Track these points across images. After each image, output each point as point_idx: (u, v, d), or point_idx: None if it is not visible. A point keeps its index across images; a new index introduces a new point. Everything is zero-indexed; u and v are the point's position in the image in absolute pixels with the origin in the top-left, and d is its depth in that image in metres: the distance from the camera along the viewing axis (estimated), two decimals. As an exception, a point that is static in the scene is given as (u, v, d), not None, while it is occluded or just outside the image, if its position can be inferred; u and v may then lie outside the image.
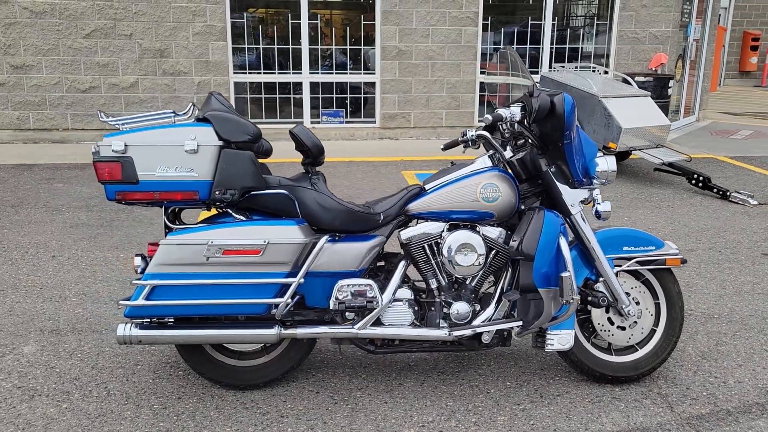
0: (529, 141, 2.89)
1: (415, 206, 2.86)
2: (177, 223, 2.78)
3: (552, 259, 2.69)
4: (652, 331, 3.01)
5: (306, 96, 8.97)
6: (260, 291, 2.65)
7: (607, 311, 2.95)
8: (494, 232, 2.87)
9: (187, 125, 2.65)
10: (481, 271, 2.86)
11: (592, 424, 2.69)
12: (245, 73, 8.91)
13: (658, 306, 3.02)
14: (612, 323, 2.96)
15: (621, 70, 9.13)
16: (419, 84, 8.94)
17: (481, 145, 3.25)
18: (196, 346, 2.85)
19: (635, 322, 2.96)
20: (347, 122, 9.14)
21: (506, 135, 3.14)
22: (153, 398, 2.84)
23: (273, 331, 2.71)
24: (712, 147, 8.99)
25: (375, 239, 2.81)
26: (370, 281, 2.73)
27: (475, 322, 2.82)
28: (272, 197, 2.74)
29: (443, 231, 2.86)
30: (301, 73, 8.92)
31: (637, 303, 2.97)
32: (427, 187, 2.93)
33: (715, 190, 6.27)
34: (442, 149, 3.39)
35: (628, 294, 2.94)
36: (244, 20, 8.79)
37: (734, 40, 20.97)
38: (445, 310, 2.86)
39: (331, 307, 2.72)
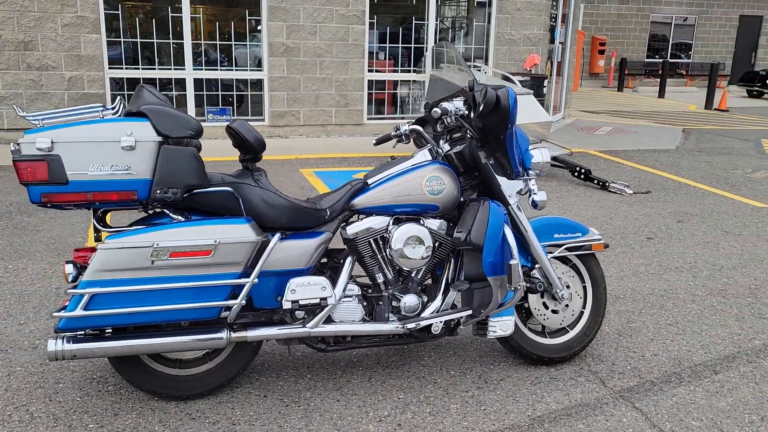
0: (469, 134, 2.97)
1: (360, 201, 2.85)
2: (101, 226, 2.57)
3: (498, 248, 2.78)
4: (581, 313, 3.20)
5: (190, 93, 8.60)
6: (210, 294, 2.51)
7: (542, 296, 3.09)
8: (437, 224, 2.92)
9: (121, 120, 2.46)
10: (427, 263, 2.90)
11: (539, 404, 2.81)
12: (122, 68, 8.39)
13: (585, 289, 3.21)
14: (546, 307, 3.11)
15: (499, 69, 9.57)
16: (308, 81, 8.86)
17: (413, 139, 3.31)
18: (131, 356, 2.65)
19: (566, 305, 3.13)
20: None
21: (439, 129, 3.21)
22: (86, 417, 2.62)
23: (222, 336, 2.58)
24: (582, 142, 9.67)
25: (322, 235, 2.76)
26: (322, 279, 2.68)
27: (425, 314, 2.85)
28: (216, 195, 2.61)
29: (388, 225, 2.87)
30: (184, 69, 8.55)
31: (568, 287, 3.14)
32: (369, 181, 2.92)
33: (595, 181, 6.75)
34: (374, 144, 3.40)
35: (559, 279, 3.09)
36: (120, 12, 8.27)
37: (585, 44, 22.63)
38: (394, 303, 2.87)
39: (283, 307, 2.63)
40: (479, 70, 8.20)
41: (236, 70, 8.77)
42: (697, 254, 4.84)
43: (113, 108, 2.64)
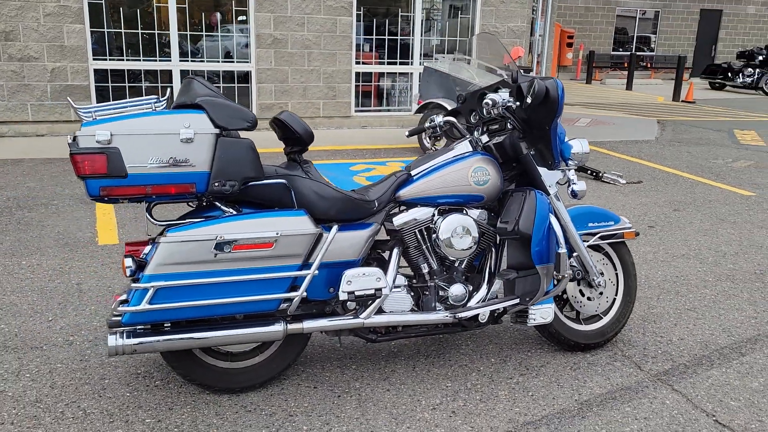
0: (510, 125, 3.01)
1: (406, 192, 2.87)
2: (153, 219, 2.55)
3: (545, 237, 2.83)
4: (614, 300, 3.28)
5: (177, 85, 8.46)
6: (271, 286, 2.51)
7: (578, 284, 3.17)
8: (481, 215, 2.96)
9: (178, 112, 2.43)
10: (472, 253, 2.94)
11: (583, 389, 2.88)
12: (106, 59, 8.21)
13: (617, 276, 3.29)
14: (582, 295, 3.18)
15: (484, 62, 9.65)
16: (296, 73, 8.81)
17: (445, 131, 3.33)
18: (185, 351, 2.64)
19: (600, 292, 3.21)
20: (221, 112, 8.78)
21: (473, 120, 3.25)
22: (140, 413, 2.59)
23: (279, 328, 2.58)
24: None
25: (372, 227, 2.78)
26: (377, 270, 2.70)
27: (471, 303, 2.90)
28: (270, 188, 2.61)
29: (433, 216, 2.90)
30: (170, 61, 8.41)
31: (602, 274, 3.21)
32: (413, 173, 2.94)
33: (589, 171, 6.88)
34: (407, 136, 3.42)
35: (594, 267, 3.17)
36: (103, 2, 8.09)
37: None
38: (441, 293, 2.90)
39: (340, 298, 2.64)
40: (468, 62, 8.26)
41: (223, 61, 8.66)
42: (699, 241, 4.99)
43: (165, 100, 2.61)
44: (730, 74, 20.10)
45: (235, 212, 2.59)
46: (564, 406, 2.75)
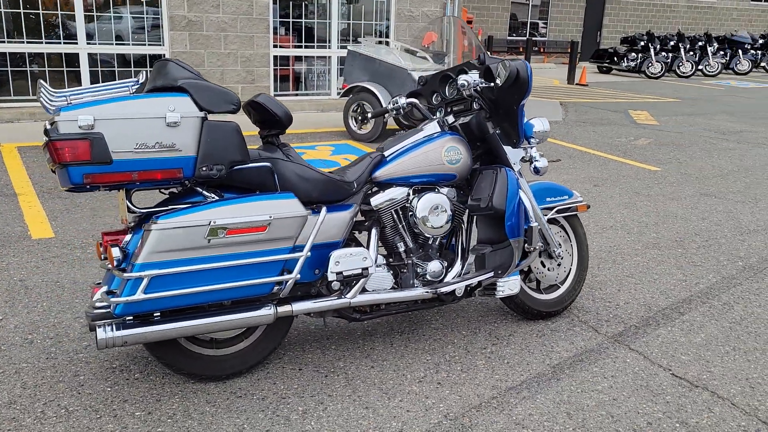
0: (476, 106, 3.11)
1: (382, 173, 2.92)
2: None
3: (516, 212, 2.98)
4: (569, 270, 3.49)
5: (84, 69, 8.02)
6: (264, 270, 2.50)
7: (539, 255, 3.35)
8: (450, 193, 3.06)
9: (160, 95, 2.36)
10: (447, 230, 3.04)
11: (552, 354, 3.07)
12: (3, 41, 7.64)
13: (571, 247, 3.50)
14: (543, 266, 3.36)
15: (411, 47, 9.77)
16: (212, 57, 8.57)
17: (406, 113, 3.40)
18: (170, 340, 2.58)
19: (559, 263, 3.40)
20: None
21: (434, 102, 3.35)
22: (127, 406, 2.52)
23: (270, 312, 2.58)
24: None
25: (353, 208, 2.81)
26: (363, 249, 2.74)
27: (448, 278, 3.00)
28: (254, 171, 2.58)
29: (408, 195, 2.97)
30: (76, 44, 7.94)
31: (560, 246, 3.41)
32: (386, 154, 3.00)
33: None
34: (370, 117, 3.46)
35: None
36: (-1, -20, 7.51)
37: (453, 21, 23.43)
38: (418, 270, 2.98)
39: (329, 279, 2.66)
40: (390, 46, 8.34)
41: (134, 44, 8.28)
42: (623, 214, 5.36)
43: (140, 84, 2.52)
44: (615, 59, 21.36)
45: (217, 197, 2.55)
46: (539, 370, 2.92)
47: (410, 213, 2.96)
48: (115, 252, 2.35)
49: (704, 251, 4.55)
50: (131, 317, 2.40)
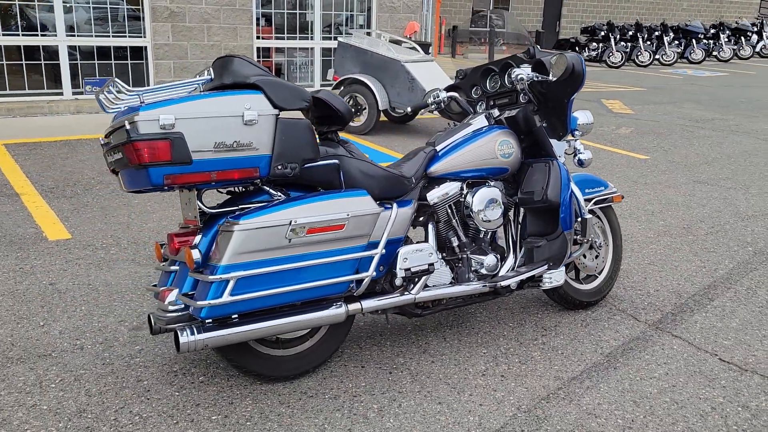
0: (523, 99, 3.13)
1: (437, 168, 2.92)
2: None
3: (569, 205, 3.02)
4: (606, 260, 3.56)
5: (64, 62, 7.74)
6: (342, 268, 2.47)
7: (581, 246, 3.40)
8: (501, 186, 3.08)
9: (236, 93, 2.32)
10: (501, 223, 3.06)
11: (601, 343, 3.13)
12: (-22, 34, 7.32)
13: (607, 237, 3.57)
14: (584, 256, 3.42)
15: (398, 37, 9.74)
16: (195, 49, 8.38)
17: (445, 106, 3.40)
18: (241, 343, 2.53)
19: (597, 254, 3.47)
20: (116, 92, 8.16)
21: (474, 96, 3.36)
22: (201, 410, 2.47)
23: (342, 310, 2.56)
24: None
25: (412, 203, 2.80)
26: (428, 245, 2.74)
27: (502, 272, 3.02)
28: (322, 169, 2.55)
29: (461, 190, 2.98)
30: (55, 36, 7.65)
31: (598, 236, 3.47)
32: (438, 148, 2.99)
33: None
34: (409, 112, 3.45)
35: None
36: (-28, -31, 7.18)
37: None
38: (473, 264, 2.99)
39: (398, 275, 2.66)
40: (380, 38, 8.31)
41: (114, 36, 8.04)
42: (627, 203, 5.48)
43: (208, 81, 2.45)
44: (577, 48, 21.72)
45: (284, 196, 2.51)
46: (594, 360, 2.97)
47: (465, 207, 2.96)
48: (195, 254, 2.29)
49: (713, 238, 4.69)
50: (210, 320, 2.34)
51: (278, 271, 2.33)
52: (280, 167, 2.38)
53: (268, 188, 2.51)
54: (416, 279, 2.76)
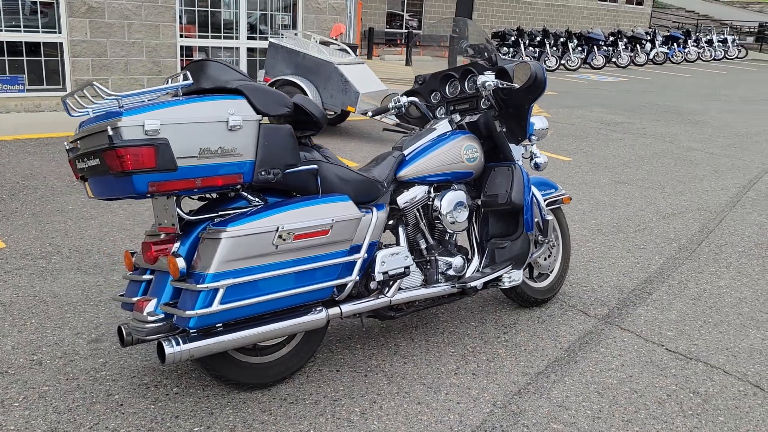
0: (485, 105, 3.23)
1: (407, 172, 2.97)
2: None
3: (530, 207, 3.14)
4: (557, 258, 3.72)
5: (-29, 58, 7.23)
6: (326, 274, 2.47)
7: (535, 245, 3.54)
8: (465, 189, 3.17)
9: (217, 98, 2.29)
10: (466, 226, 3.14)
11: (560, 338, 3.28)
12: None
13: (557, 237, 3.74)
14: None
15: (329, 39, 9.69)
16: (116, 46, 8.04)
17: (405, 110, 3.47)
18: (221, 352, 2.49)
19: (550, 253, 3.62)
20: (29, 90, 7.70)
21: (433, 101, 3.44)
22: (182, 422, 2.41)
23: (323, 315, 2.56)
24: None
25: (385, 207, 2.84)
26: (403, 248, 2.78)
27: (469, 273, 3.11)
28: (303, 174, 2.55)
29: (429, 193, 3.04)
30: (-39, 29, 7.14)
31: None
32: (405, 153, 3.05)
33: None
34: (371, 116, 3.48)
35: (544, 230, 3.57)
36: None
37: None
38: (441, 266, 3.06)
39: (376, 279, 2.69)
40: (310, 39, 8.26)
41: (25, 30, 7.58)
42: (559, 203, 5.73)
43: (188, 84, 2.39)
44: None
45: (262, 202, 2.49)
46: (555, 355, 3.11)
47: (434, 210, 3.03)
48: (180, 262, 2.23)
49: (641, 235, 5.00)
50: (195, 330, 2.29)
51: (266, 278, 2.31)
52: (263, 173, 2.36)
53: (246, 194, 2.48)
54: (391, 282, 2.80)
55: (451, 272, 3.05)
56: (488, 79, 3.07)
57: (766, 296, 3.96)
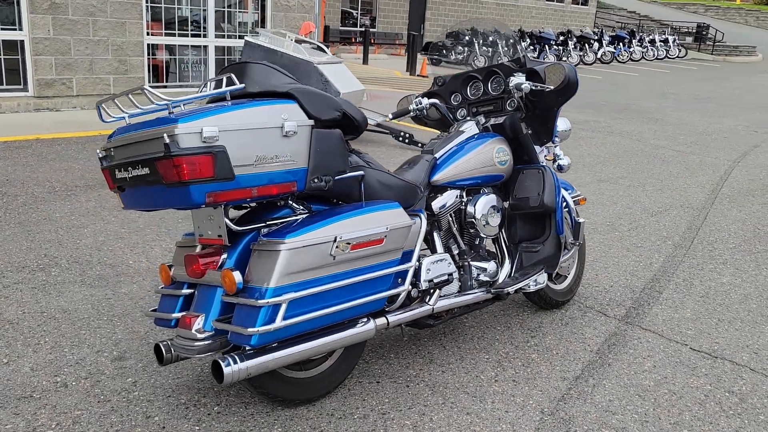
0: (511, 106, 3.19)
1: (441, 176, 2.91)
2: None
3: (561, 209, 3.12)
4: (574, 260, 3.72)
5: (-74, 56, 6.80)
6: (380, 284, 2.38)
7: (556, 249, 3.53)
8: (495, 193, 3.13)
9: (270, 103, 2.17)
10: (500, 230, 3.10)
11: (587, 340, 3.27)
12: None
13: (573, 238, 3.73)
14: (560, 258, 3.55)
15: (306, 39, 9.50)
16: (80, 44, 7.69)
17: (427, 112, 3.40)
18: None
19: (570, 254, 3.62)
20: (-11, 90, 7.30)
21: (454, 102, 3.39)
22: (231, 445, 2.28)
23: (372, 326, 2.47)
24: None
25: (423, 212, 2.77)
26: (447, 255, 2.72)
27: (501, 277, 3.06)
28: (348, 181, 2.45)
29: (461, 198, 2.99)
30: None
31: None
32: (437, 156, 2.98)
33: (419, 144, 7.35)
34: (391, 119, 3.40)
35: (562, 232, 3.56)
36: None
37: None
38: (474, 271, 3.01)
39: (422, 287, 2.61)
40: (285, 38, 8.08)
41: (-17, 28, 7.18)
42: (549, 202, 5.76)
43: (239, 89, 2.25)
44: (444, 51, 22.55)
45: (307, 211, 2.39)
46: (588, 358, 3.10)
47: (467, 215, 2.97)
48: (237, 276, 2.11)
49: (636, 233, 5.06)
50: (250, 349, 2.16)
51: (324, 291, 2.21)
52: (316, 180, 2.25)
53: (291, 202, 2.37)
54: (431, 290, 2.73)
55: (483, 277, 3.00)
56: (523, 81, 3.03)
57: (769, 292, 4.06)
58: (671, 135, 9.99)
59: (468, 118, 3.28)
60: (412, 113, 3.30)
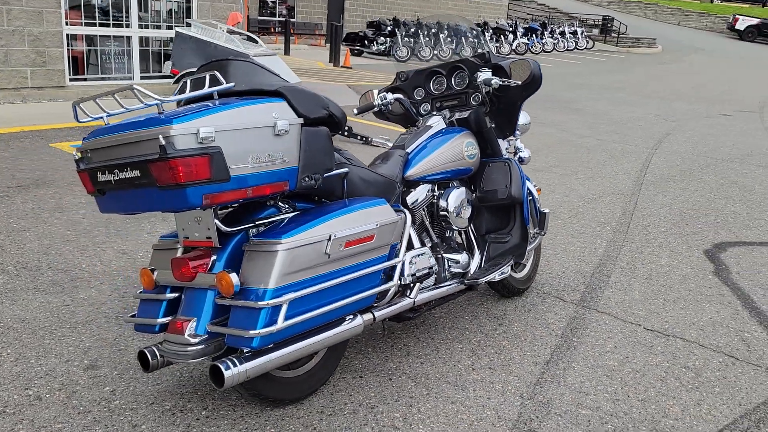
0: (476, 101, 3.26)
1: (414, 171, 2.94)
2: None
3: (526, 200, 3.22)
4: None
5: None
6: (369, 281, 2.39)
7: (516, 238, 3.64)
8: (464, 186, 3.20)
9: (260, 101, 2.15)
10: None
11: (551, 325, 3.40)
12: None
13: (530, 228, 3.86)
14: (519, 247, 3.67)
15: (237, 30, 9.23)
16: (-6, 35, 7.21)
17: (390, 106, 3.43)
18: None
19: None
20: None
21: (417, 97, 3.43)
22: (226, 449, 2.24)
23: (360, 321, 2.48)
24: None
25: (400, 208, 2.80)
26: (427, 249, 2.75)
27: (472, 268, 3.14)
28: (333, 178, 2.45)
29: (432, 192, 3.04)
30: None
31: (527, 228, 3.74)
32: (408, 151, 3.01)
33: (358, 137, 7.36)
34: (356, 114, 3.40)
35: (522, 222, 3.68)
36: None
37: None
38: (448, 263, 3.06)
39: (406, 281, 2.64)
40: (216, 28, 7.86)
41: None
42: (492, 192, 5.91)
43: (229, 87, 2.20)
44: (366, 42, 22.58)
45: (291, 209, 2.37)
46: (554, 342, 3.23)
47: (439, 208, 3.02)
48: (234, 278, 2.07)
49: (576, 220, 5.29)
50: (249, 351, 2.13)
51: (321, 290, 2.20)
52: (306, 179, 2.24)
53: (279, 202, 2.34)
54: (412, 283, 2.77)
55: (456, 269, 3.07)
56: (491, 77, 3.10)
57: (704, 271, 4.34)
58: (592, 124, 10.43)
59: (433, 113, 3.32)
60: (376, 108, 3.31)
